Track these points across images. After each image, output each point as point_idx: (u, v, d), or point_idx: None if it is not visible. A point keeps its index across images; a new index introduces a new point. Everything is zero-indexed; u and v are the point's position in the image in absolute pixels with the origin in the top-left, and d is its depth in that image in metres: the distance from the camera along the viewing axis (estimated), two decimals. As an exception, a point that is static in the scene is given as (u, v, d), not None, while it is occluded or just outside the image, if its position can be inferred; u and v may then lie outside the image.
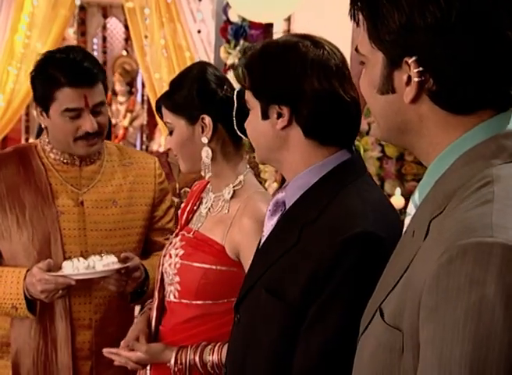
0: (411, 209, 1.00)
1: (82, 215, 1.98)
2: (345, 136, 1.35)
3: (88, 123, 1.89)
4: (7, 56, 5.64)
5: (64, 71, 1.85)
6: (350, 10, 0.98)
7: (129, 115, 7.72)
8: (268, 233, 1.41)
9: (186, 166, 1.79)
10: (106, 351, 1.82)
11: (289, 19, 3.74)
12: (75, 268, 1.84)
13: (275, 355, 1.29)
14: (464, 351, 0.75)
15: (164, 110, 1.78)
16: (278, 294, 1.27)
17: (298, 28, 3.75)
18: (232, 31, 4.05)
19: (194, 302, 1.70)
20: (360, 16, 0.96)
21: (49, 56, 1.93)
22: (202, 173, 1.75)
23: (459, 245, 0.78)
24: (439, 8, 0.88)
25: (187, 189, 2.79)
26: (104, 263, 1.85)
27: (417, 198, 0.98)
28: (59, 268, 1.87)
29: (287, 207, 1.37)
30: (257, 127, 1.37)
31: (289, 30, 3.78)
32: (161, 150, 6.74)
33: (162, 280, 1.81)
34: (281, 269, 1.30)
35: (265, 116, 1.34)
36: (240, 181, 1.72)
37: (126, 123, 7.69)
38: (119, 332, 2.02)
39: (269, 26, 3.97)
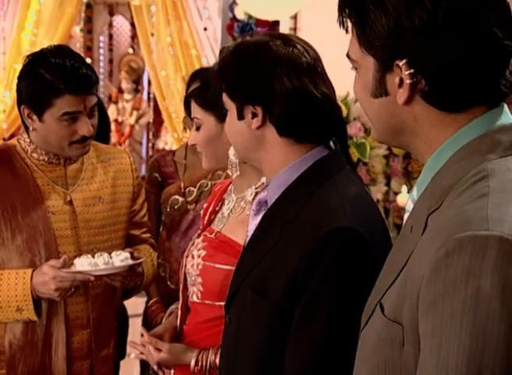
0: (409, 206, 1.02)
1: (73, 214, 1.97)
2: (320, 132, 1.36)
3: (85, 127, 1.87)
4: (14, 54, 5.65)
5: (63, 78, 1.81)
6: (339, 17, 1.00)
7: (135, 113, 7.73)
8: (251, 233, 1.43)
9: (209, 163, 1.80)
10: (132, 343, 1.85)
11: (295, 17, 3.74)
12: (93, 264, 1.81)
13: (263, 356, 1.30)
14: (461, 342, 0.76)
15: (193, 105, 1.78)
16: (263, 294, 1.28)
17: (305, 25, 3.74)
18: (238, 29, 4.05)
19: (217, 303, 1.70)
20: (349, 23, 0.99)
21: (41, 59, 1.86)
22: (229, 172, 1.76)
23: (455, 239, 0.79)
24: (425, 11, 0.90)
25: (192, 188, 2.79)
26: (122, 258, 1.84)
27: (415, 194, 1.00)
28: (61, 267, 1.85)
29: (269, 206, 1.39)
30: (234, 127, 1.39)
31: (295, 28, 3.78)
32: (167, 148, 6.75)
33: (185, 280, 1.82)
34: (264, 268, 1.31)
35: (241, 116, 1.36)
36: (263, 183, 1.71)
37: (132, 120, 7.71)
38: (115, 329, 2.12)
39: (276, 23, 3.97)
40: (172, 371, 1.82)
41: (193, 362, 1.70)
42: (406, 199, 3.47)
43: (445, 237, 0.81)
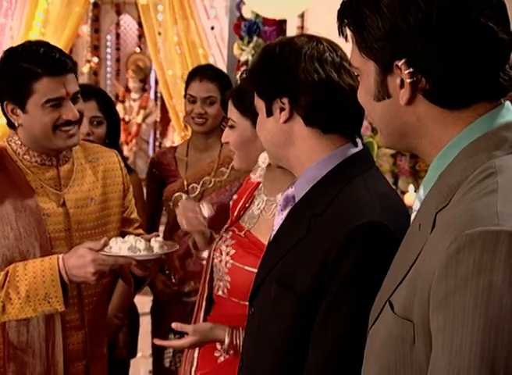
0: (416, 205, 1.02)
1: (66, 216, 1.93)
2: (346, 123, 1.37)
3: (70, 112, 1.85)
4: (21, 53, 5.68)
5: (39, 62, 1.81)
6: (338, 27, 1.03)
7: (142, 111, 7.75)
8: (277, 228, 1.44)
9: (240, 163, 1.82)
10: (158, 342, 1.84)
11: (302, 16, 3.74)
12: (133, 248, 1.76)
13: (285, 346, 1.31)
14: (474, 337, 0.77)
15: (230, 106, 1.80)
16: (288, 286, 1.30)
17: (312, 24, 3.74)
18: (245, 28, 4.05)
19: (242, 303, 1.71)
20: (348, 31, 1.01)
21: (15, 52, 1.87)
22: (251, 175, 1.76)
23: (466, 234, 0.80)
24: (419, 10, 0.92)
25: (195, 185, 2.79)
26: (160, 244, 1.80)
27: (421, 193, 1.01)
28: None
29: (296, 201, 1.40)
30: (264, 126, 1.41)
31: (302, 27, 3.77)
32: (176, 146, 6.75)
33: (212, 272, 1.83)
34: (291, 262, 1.32)
35: (269, 112, 1.39)
36: None
37: (139, 119, 7.73)
38: (105, 324, 2.10)
39: (283, 22, 3.97)
40: (196, 355, 1.82)
41: (227, 340, 1.71)
42: (413, 198, 3.46)
43: (455, 234, 0.81)
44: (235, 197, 1.96)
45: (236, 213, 1.87)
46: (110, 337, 2.36)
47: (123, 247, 1.76)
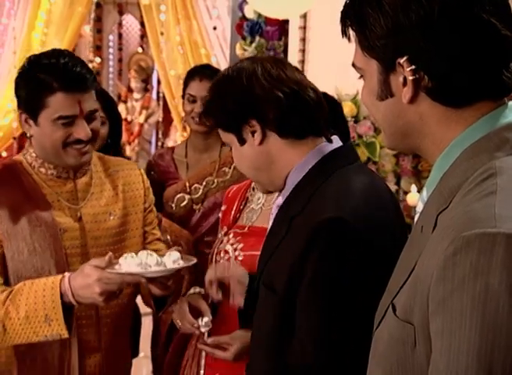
0: (420, 207, 1.02)
1: (83, 231, 1.84)
2: (316, 123, 1.40)
3: (82, 131, 1.76)
4: (24, 53, 5.65)
5: (56, 76, 1.72)
6: (342, 28, 1.03)
7: (144, 112, 7.76)
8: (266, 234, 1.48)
9: (264, 188, 1.84)
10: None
11: (305, 16, 3.74)
12: (143, 265, 1.60)
13: (273, 343, 1.35)
14: (471, 340, 0.77)
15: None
16: (271, 288, 1.34)
17: (314, 24, 3.74)
18: (247, 28, 4.05)
19: None
20: (351, 32, 1.01)
21: (36, 61, 1.79)
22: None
23: (463, 236, 0.80)
24: (421, 6, 0.92)
25: (198, 185, 2.79)
26: (174, 259, 1.64)
27: (425, 195, 1.00)
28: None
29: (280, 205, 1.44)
30: (242, 156, 1.44)
31: (305, 27, 3.77)
32: (174, 146, 6.76)
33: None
34: (273, 263, 1.36)
35: (242, 140, 1.42)
36: None
37: (141, 119, 7.73)
38: (128, 350, 2.01)
39: (285, 22, 3.97)
40: (204, 354, 1.83)
41: None
42: (415, 198, 3.47)
43: (453, 236, 0.81)
44: (223, 208, 1.97)
45: (231, 217, 1.88)
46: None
47: (132, 263, 1.61)
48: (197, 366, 1.91)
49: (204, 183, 2.77)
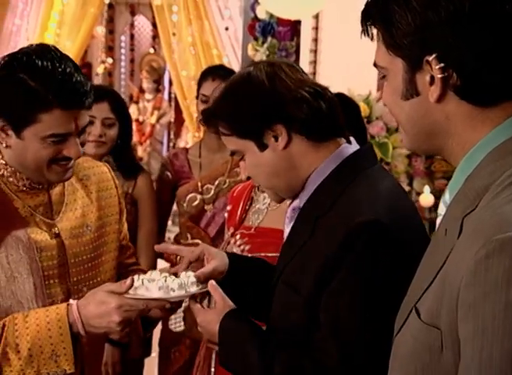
0: (442, 209, 1.00)
1: (61, 249, 1.60)
2: (337, 123, 1.38)
3: (73, 149, 1.51)
4: (37, 54, 5.71)
5: (52, 88, 1.42)
6: (363, 27, 1.00)
7: (156, 112, 7.78)
8: (286, 235, 1.46)
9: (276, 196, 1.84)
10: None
11: (317, 16, 3.73)
12: (165, 288, 1.43)
13: (297, 339, 1.32)
14: (504, 346, 0.75)
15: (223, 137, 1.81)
16: (294, 288, 1.32)
17: (326, 25, 3.73)
18: (259, 28, 4.04)
19: None
20: (374, 30, 0.98)
21: (26, 62, 1.45)
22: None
23: (496, 240, 0.78)
24: (451, 2, 0.89)
25: (210, 186, 2.80)
26: (192, 280, 1.47)
27: (447, 197, 0.98)
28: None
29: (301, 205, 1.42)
30: (260, 162, 1.38)
31: (317, 27, 3.77)
32: (188, 147, 6.78)
33: None
34: (297, 264, 1.34)
35: (263, 146, 1.36)
36: None
37: (153, 120, 7.75)
38: None
39: (297, 23, 3.96)
40: (213, 363, 1.82)
41: None
42: (428, 199, 3.44)
43: (484, 239, 0.79)
44: (229, 208, 1.95)
45: (237, 218, 1.88)
46: (124, 336, 2.35)
47: (152, 287, 1.43)
48: (208, 367, 1.90)
49: (215, 183, 2.78)
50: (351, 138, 1.41)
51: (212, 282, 1.41)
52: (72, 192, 1.67)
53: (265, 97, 1.33)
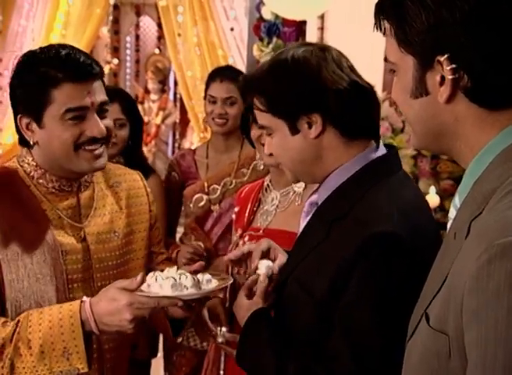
0: (452, 213, 0.99)
1: (87, 253, 1.61)
2: (372, 124, 1.37)
3: (95, 126, 1.53)
4: (43, 55, 5.72)
5: (59, 66, 1.50)
6: (376, 21, 0.99)
7: (161, 113, 7.79)
8: (303, 228, 1.45)
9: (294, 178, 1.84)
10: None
11: (322, 17, 3.73)
12: (179, 286, 1.41)
13: (308, 339, 1.31)
14: (507, 351, 0.75)
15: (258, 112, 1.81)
16: (308, 290, 1.31)
17: (332, 25, 3.73)
18: (265, 29, 4.05)
19: None
20: (387, 25, 0.97)
21: (32, 55, 1.56)
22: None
23: (498, 244, 0.77)
24: (466, 1, 0.88)
25: (216, 186, 2.80)
26: (207, 278, 1.47)
27: (457, 201, 0.98)
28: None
29: (319, 204, 1.41)
30: (287, 145, 1.36)
31: (322, 28, 3.77)
32: (193, 148, 6.79)
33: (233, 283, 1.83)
34: (310, 265, 1.33)
35: (295, 130, 1.34)
36: None
37: (158, 120, 7.76)
38: None
39: (302, 23, 3.96)
40: (222, 365, 1.81)
41: None
42: (434, 200, 3.43)
43: (486, 244, 0.79)
44: (236, 209, 1.95)
45: (245, 219, 1.87)
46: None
47: (165, 284, 1.41)
48: (217, 370, 1.90)
49: (222, 183, 2.78)
50: (380, 142, 1.39)
51: (265, 272, 1.44)
52: (101, 197, 1.68)
53: (310, 82, 1.29)
